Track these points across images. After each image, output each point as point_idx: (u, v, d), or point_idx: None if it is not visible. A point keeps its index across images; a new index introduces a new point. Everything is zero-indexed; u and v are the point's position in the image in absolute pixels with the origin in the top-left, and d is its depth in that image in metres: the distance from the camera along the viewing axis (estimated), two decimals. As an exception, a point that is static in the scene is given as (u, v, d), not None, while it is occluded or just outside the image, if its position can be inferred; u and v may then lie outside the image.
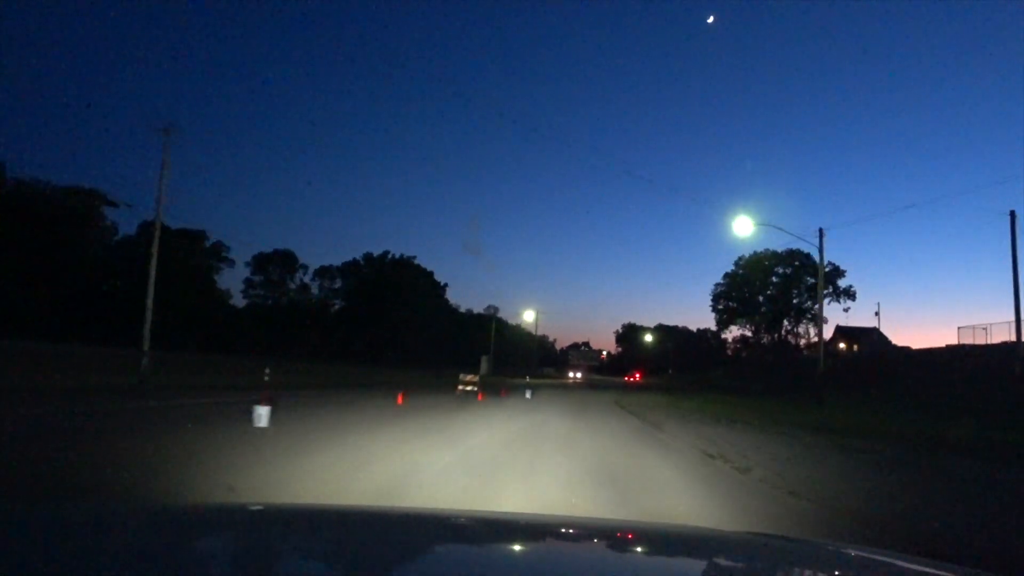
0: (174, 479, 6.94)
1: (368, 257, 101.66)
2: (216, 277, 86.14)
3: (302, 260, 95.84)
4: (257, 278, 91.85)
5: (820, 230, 30.45)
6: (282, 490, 6.62)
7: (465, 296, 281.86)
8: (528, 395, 30.44)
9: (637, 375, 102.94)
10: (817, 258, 29.79)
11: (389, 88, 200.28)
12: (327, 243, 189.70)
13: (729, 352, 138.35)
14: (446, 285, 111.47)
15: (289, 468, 7.83)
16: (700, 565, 1.82)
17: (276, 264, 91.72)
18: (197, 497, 6.03)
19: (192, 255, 77.40)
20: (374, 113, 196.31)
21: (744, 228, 29.31)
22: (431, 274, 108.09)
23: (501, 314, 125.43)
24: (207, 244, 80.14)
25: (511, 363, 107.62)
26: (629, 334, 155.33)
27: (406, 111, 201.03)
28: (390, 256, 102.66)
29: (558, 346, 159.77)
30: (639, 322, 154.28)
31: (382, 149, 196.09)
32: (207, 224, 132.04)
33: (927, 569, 1.62)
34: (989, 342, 52.74)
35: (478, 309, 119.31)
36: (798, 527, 6.07)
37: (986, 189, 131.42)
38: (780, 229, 30.01)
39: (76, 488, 6.28)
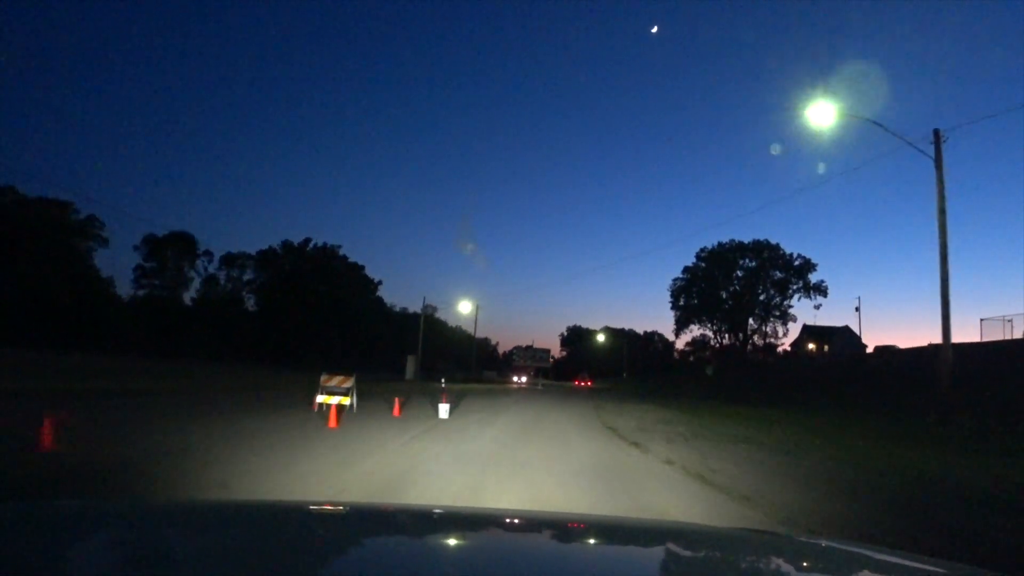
0: None
1: (287, 245, 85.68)
2: (97, 262, 68.84)
3: (206, 247, 79.33)
4: (150, 265, 74.84)
5: (936, 132, 17.73)
6: None
7: (407, 299, 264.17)
8: (443, 414, 16.35)
9: (589, 381, 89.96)
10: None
11: (313, 62, 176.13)
12: (240, 231, 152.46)
13: (677, 355, 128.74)
14: (380, 282, 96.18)
15: None
16: (696, 561, 1.71)
17: (173, 249, 74.92)
18: None
19: (55, 230, 60.34)
20: (297, 92, 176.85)
21: (824, 116, 16.60)
22: (362, 268, 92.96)
23: (442, 316, 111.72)
24: (75, 217, 62.88)
25: (450, 366, 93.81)
26: (575, 337, 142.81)
27: (335, 93, 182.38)
28: (312, 244, 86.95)
29: (501, 350, 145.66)
30: (584, 325, 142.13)
31: (310, 134, 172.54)
32: (83, 198, 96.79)
33: (924, 566, 1.58)
34: (1013, 337, 43.18)
35: (416, 309, 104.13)
36: None
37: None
38: (879, 125, 17.08)
39: None
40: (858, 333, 76.99)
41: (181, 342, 72.75)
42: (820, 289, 77.37)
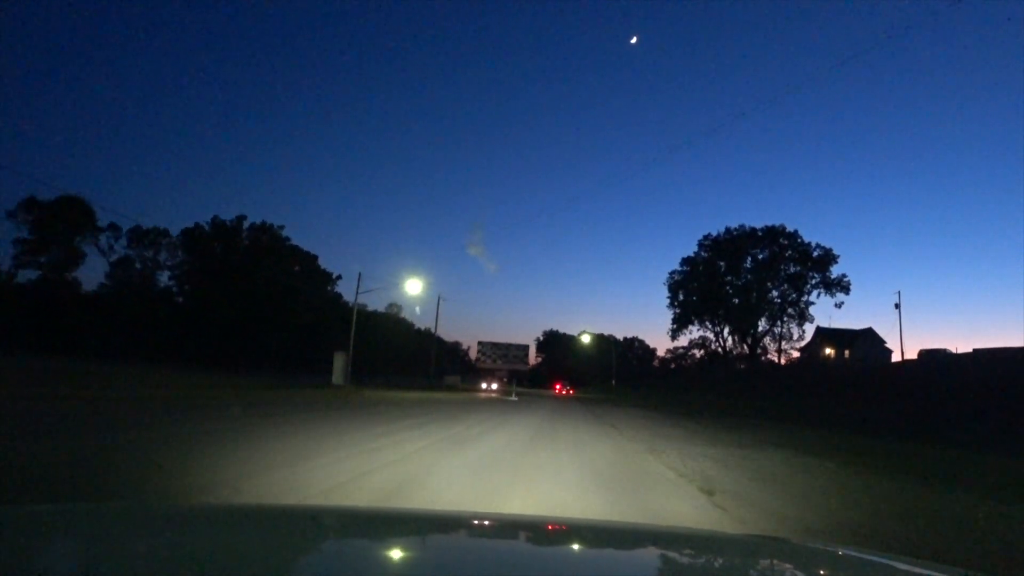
0: None
1: (217, 223, 69.19)
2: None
3: (110, 219, 62.72)
4: (33, 238, 57.99)
5: None
6: None
7: (370, 298, 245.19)
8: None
9: (571, 389, 74.70)
10: None
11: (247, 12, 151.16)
12: (152, 205, 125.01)
13: (657, 362, 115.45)
14: (339, 276, 79.80)
15: None
16: (704, 566, 1.63)
17: (63, 219, 58.15)
18: None
19: None
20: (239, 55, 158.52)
21: None
22: (315, 258, 76.85)
23: (408, 317, 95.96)
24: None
25: (411, 370, 78.33)
26: (553, 341, 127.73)
27: (285, 65, 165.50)
28: (249, 224, 70.53)
29: (473, 355, 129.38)
30: (561, 330, 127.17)
31: (243, 99, 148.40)
32: None
33: (926, 571, 1.53)
34: None
35: (380, 308, 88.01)
36: None
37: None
38: None
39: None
40: (898, 333, 63.42)
41: (75, 336, 56.22)
42: (842, 285, 63.19)
